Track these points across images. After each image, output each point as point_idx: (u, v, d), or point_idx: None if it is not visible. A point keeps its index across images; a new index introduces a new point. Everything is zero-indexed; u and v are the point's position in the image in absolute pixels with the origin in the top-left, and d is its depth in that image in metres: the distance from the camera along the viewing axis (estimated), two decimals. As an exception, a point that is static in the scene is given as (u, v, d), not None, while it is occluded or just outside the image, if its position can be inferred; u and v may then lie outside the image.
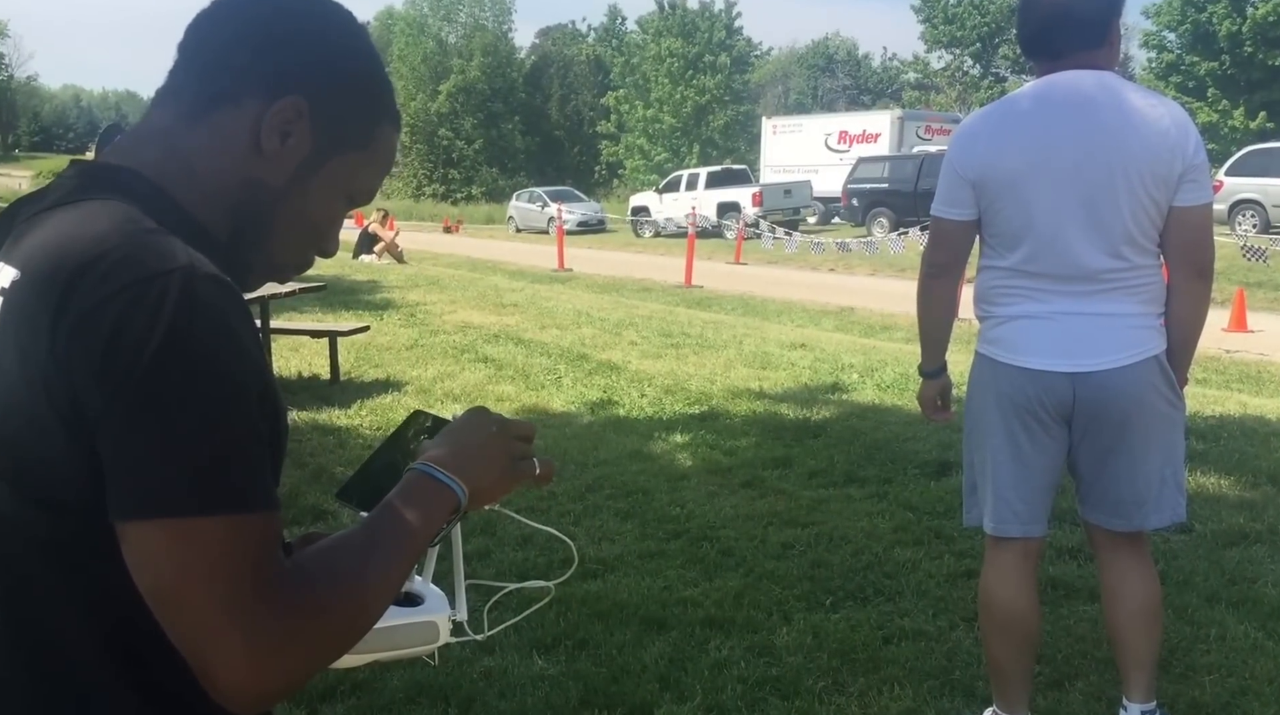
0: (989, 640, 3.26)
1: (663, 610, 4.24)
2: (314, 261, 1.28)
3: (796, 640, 3.98)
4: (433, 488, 1.16)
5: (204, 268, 1.01)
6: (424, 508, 1.14)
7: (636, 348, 10.00)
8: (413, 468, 1.18)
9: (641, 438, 6.80)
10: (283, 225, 1.18)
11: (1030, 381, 2.97)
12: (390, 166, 1.29)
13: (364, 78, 1.21)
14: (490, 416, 1.26)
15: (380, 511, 1.14)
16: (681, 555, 4.83)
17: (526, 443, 1.28)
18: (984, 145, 2.96)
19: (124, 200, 1.07)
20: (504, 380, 8.50)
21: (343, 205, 1.24)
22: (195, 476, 0.95)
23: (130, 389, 0.94)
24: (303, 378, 8.61)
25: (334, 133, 1.17)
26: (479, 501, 1.22)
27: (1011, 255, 2.95)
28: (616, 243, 28.75)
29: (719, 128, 54.14)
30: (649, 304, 14.24)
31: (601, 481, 5.87)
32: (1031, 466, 3.05)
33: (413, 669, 3.74)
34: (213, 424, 0.96)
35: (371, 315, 11.36)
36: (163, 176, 1.12)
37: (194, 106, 1.14)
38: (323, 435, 6.83)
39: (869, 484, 5.84)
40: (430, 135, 59.11)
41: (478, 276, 17.50)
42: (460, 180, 59.24)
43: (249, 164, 1.14)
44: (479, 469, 1.20)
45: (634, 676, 3.72)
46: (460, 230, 37.04)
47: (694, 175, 33.07)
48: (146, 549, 0.95)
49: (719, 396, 7.95)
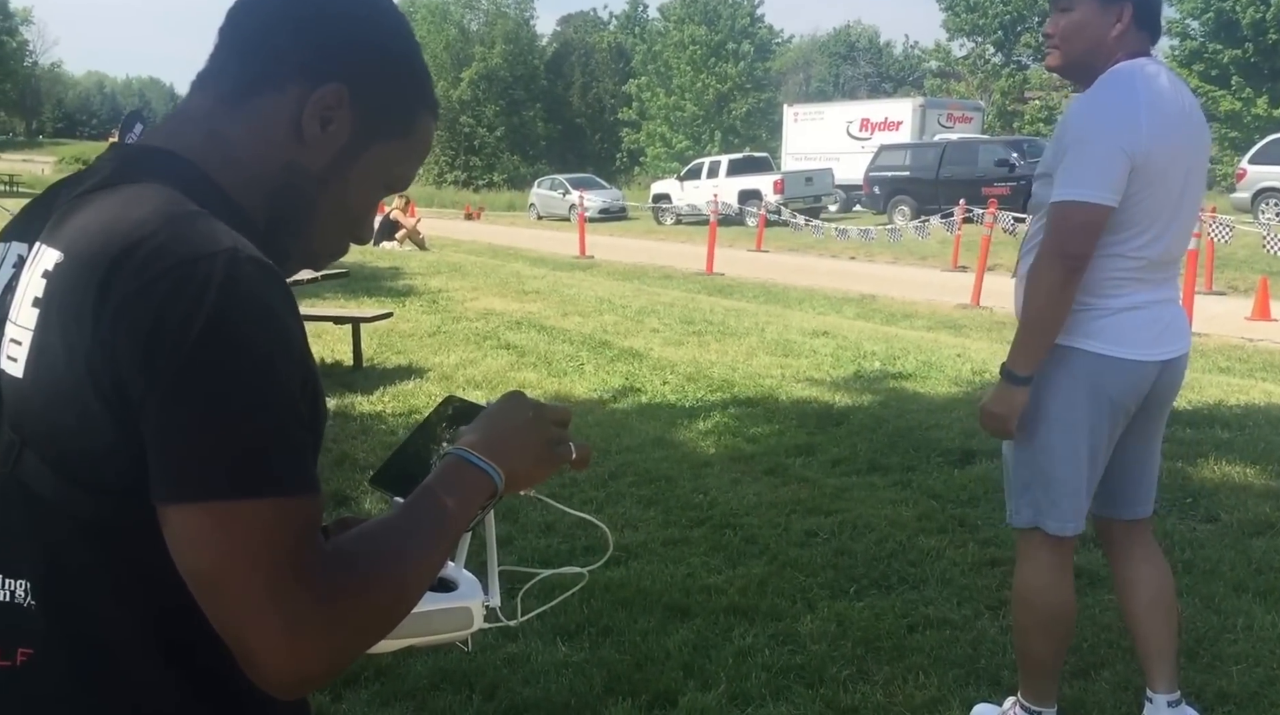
0: (1030, 637, 3.13)
1: (686, 598, 4.23)
2: (349, 248, 1.28)
3: (821, 628, 3.98)
4: (470, 473, 1.16)
5: (248, 250, 1.01)
6: (461, 493, 1.14)
7: (658, 335, 9.99)
8: (449, 453, 1.18)
9: (664, 425, 6.80)
10: (321, 212, 1.18)
11: (1135, 374, 2.84)
12: (427, 154, 1.29)
13: (405, 65, 1.21)
14: (526, 402, 1.25)
15: (418, 496, 1.14)
16: (705, 543, 4.83)
17: (562, 427, 1.27)
18: (1147, 125, 2.69)
19: (166, 183, 1.07)
20: (526, 367, 8.51)
21: (380, 193, 1.24)
22: (237, 460, 0.95)
23: (174, 373, 0.94)
24: (326, 364, 8.63)
25: (374, 120, 1.17)
26: (515, 486, 1.21)
27: (1134, 241, 2.77)
28: (638, 230, 28.72)
29: (740, 115, 53.95)
30: (671, 291, 14.22)
31: (624, 468, 5.87)
32: (1102, 463, 2.95)
33: (437, 655, 3.75)
34: (255, 408, 0.96)
35: (394, 302, 11.38)
36: (204, 160, 1.12)
37: (235, 91, 1.15)
38: (346, 421, 6.85)
39: (892, 472, 5.82)
40: (452, 122, 59.06)
41: (499, 263, 17.51)
42: (482, 167, 59.26)
43: (289, 150, 1.14)
44: (515, 454, 1.19)
45: (658, 664, 3.72)
46: (481, 217, 37.05)
47: (715, 163, 32.93)
48: (187, 532, 0.96)
49: (741, 384, 7.94)
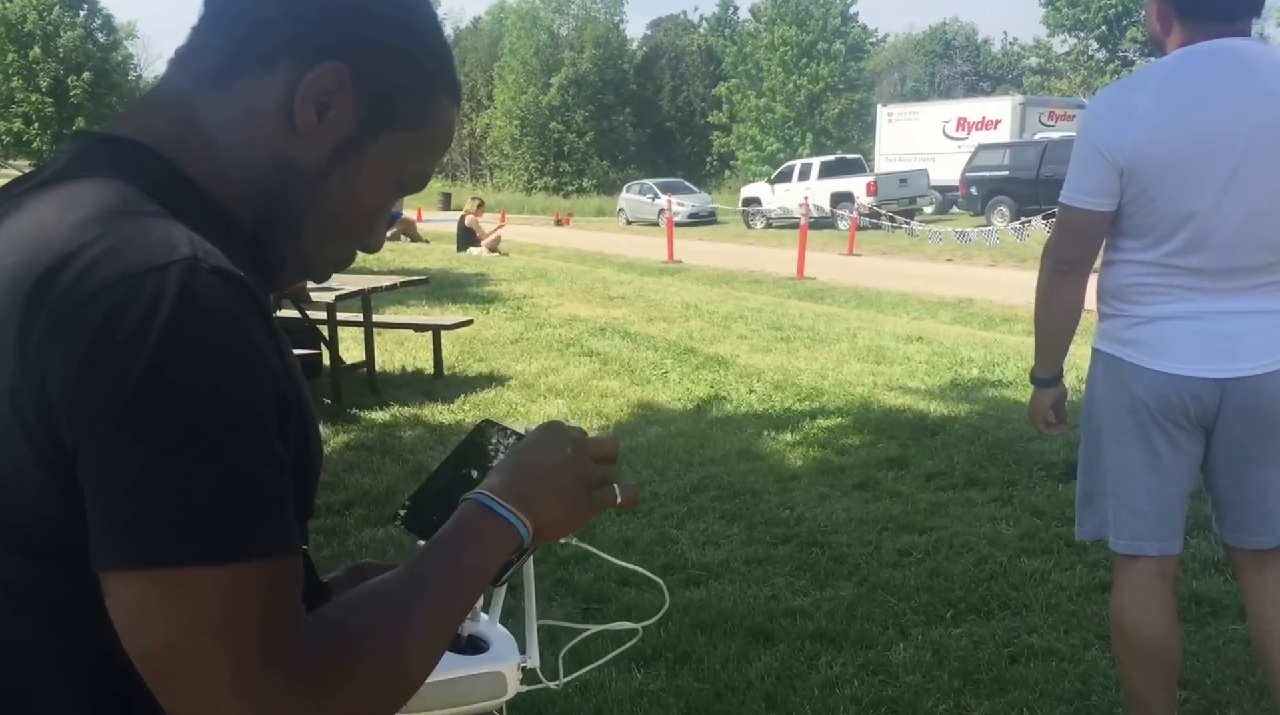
0: (1125, 667, 2.96)
1: (770, 621, 4.00)
2: (355, 257, 1.09)
3: (914, 657, 3.71)
4: (490, 523, 1.00)
5: (211, 260, 0.83)
6: (479, 546, 0.99)
7: (746, 341, 9.74)
8: (468, 498, 1.02)
9: (750, 435, 6.56)
10: (319, 214, 1.01)
11: (1175, 387, 2.66)
12: (448, 146, 1.09)
13: (418, 41, 1.02)
14: (564, 434, 1.08)
15: (427, 551, 0.98)
16: (790, 562, 4.58)
17: (607, 464, 1.09)
18: (1138, 124, 2.54)
19: (122, 178, 0.89)
20: (609, 375, 8.32)
21: (391, 192, 1.05)
22: (190, 517, 0.79)
23: (114, 411, 0.78)
24: (406, 372, 8.55)
25: (382, 106, 0.99)
26: (547, 536, 1.06)
27: (1159, 248, 2.61)
28: (727, 234, 28.47)
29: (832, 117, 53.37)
30: (759, 296, 13.95)
31: (707, 481, 5.64)
32: (1169, 477, 2.76)
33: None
34: (214, 452, 0.80)
35: (478, 308, 11.30)
36: (175, 151, 0.95)
37: (215, 71, 0.97)
38: (424, 430, 6.73)
39: (991, 487, 5.51)
40: (541, 128, 59.43)
41: (586, 269, 17.40)
42: (571, 173, 59.48)
43: (279, 140, 0.97)
44: (547, 499, 1.03)
45: (739, 694, 3.49)
46: (570, 223, 37.12)
47: (806, 165, 32.68)
48: (134, 605, 0.80)
49: (831, 392, 7.66)
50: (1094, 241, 2.72)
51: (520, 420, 6.91)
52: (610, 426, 6.82)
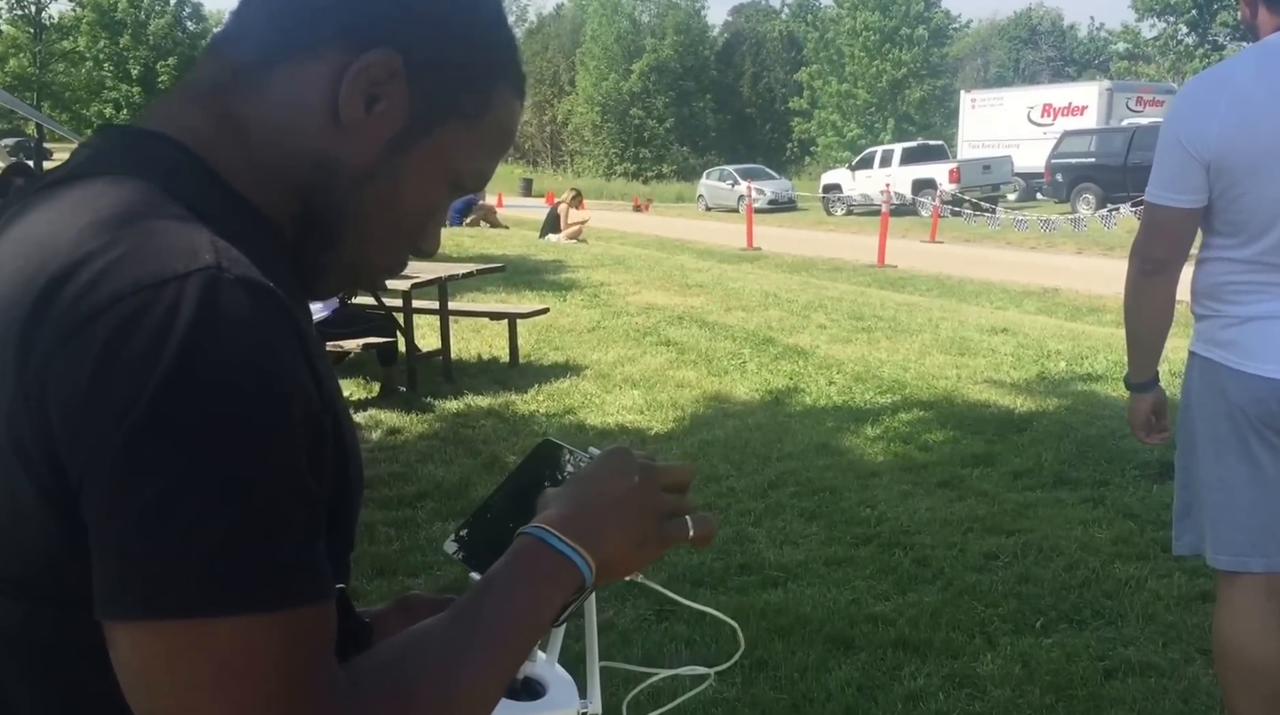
0: (1230, 692, 2.77)
1: (850, 628, 3.85)
2: (407, 263, 0.99)
3: (1003, 669, 3.54)
4: (548, 559, 0.91)
5: (237, 269, 0.74)
6: (535, 586, 0.89)
7: (825, 331, 9.53)
8: (524, 532, 0.92)
9: (829, 430, 6.38)
10: (365, 217, 0.91)
11: (1272, 392, 2.49)
12: (509, 143, 0.98)
13: (478, 28, 0.92)
14: (632, 462, 0.98)
15: (478, 592, 0.88)
16: (871, 564, 4.42)
17: (679, 494, 1.00)
18: (1224, 116, 2.41)
19: (144, 177, 0.80)
20: (686, 365, 8.19)
21: (446, 192, 0.94)
22: (207, 562, 0.70)
23: (122, 440, 0.70)
24: (482, 361, 8.49)
25: (437, 98, 0.90)
26: (612, 575, 0.96)
27: (1253, 246, 2.48)
28: (807, 221, 28.15)
29: (915, 102, 52.60)
30: (839, 285, 13.71)
31: (785, 477, 5.48)
32: (1272, 489, 2.57)
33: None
34: (234, 489, 0.71)
35: (555, 296, 11.22)
36: (208, 147, 0.86)
37: (256, 60, 0.88)
38: (498, 421, 6.66)
39: (1082, 487, 5.29)
40: (622, 114, 59.39)
41: (664, 256, 17.26)
42: (651, 159, 59.36)
43: (323, 136, 0.88)
44: (612, 533, 0.94)
45: (817, 706, 3.35)
46: (649, 209, 37.02)
47: (888, 151, 32.27)
48: (140, 660, 0.71)
49: (913, 385, 7.44)
50: (1182, 240, 2.59)
51: (591, 417, 6.81)
52: (686, 418, 6.69)
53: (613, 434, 6.33)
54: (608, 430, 6.41)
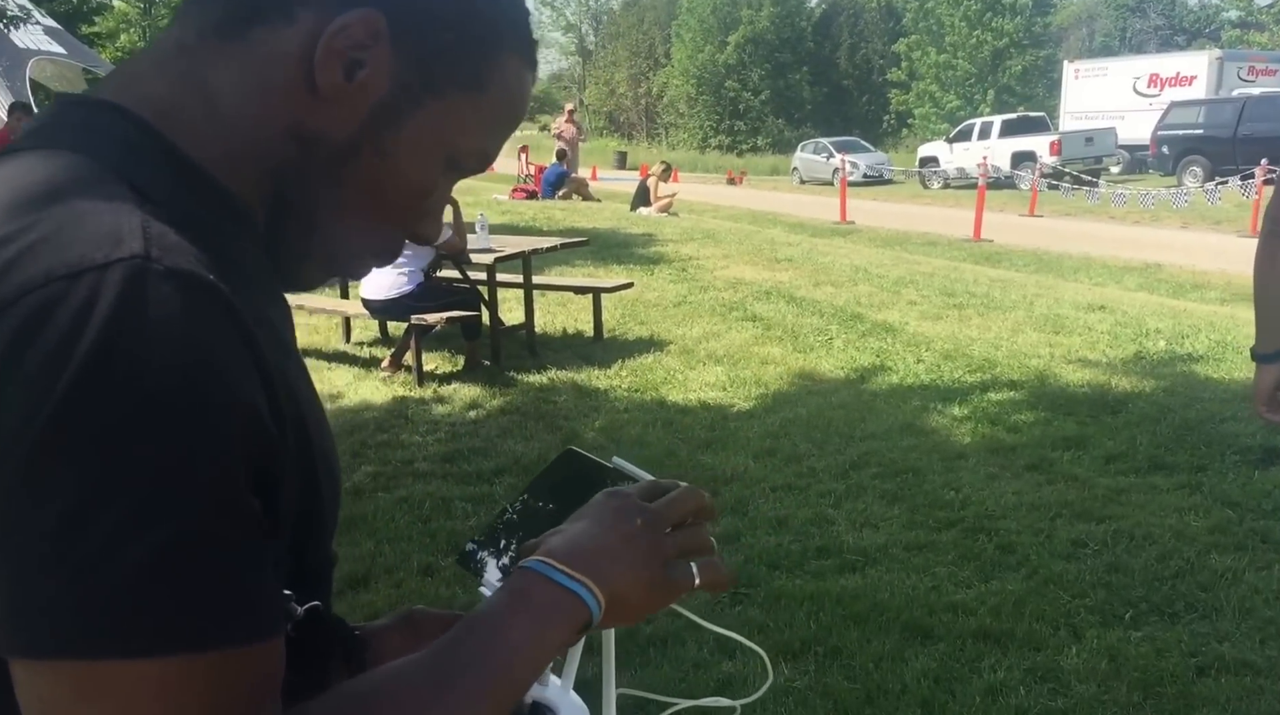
0: None
1: (929, 616, 3.74)
2: (401, 247, 0.89)
3: (1088, 664, 3.41)
4: (548, 594, 0.80)
5: (169, 259, 0.65)
6: (531, 623, 0.78)
7: (915, 307, 9.32)
8: (522, 566, 0.82)
9: (915, 409, 6.23)
10: (347, 198, 0.82)
11: None
12: (518, 118, 0.88)
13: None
14: (633, 504, 0.86)
15: (464, 628, 0.78)
16: (954, 549, 4.29)
17: (692, 529, 0.88)
18: None
19: (84, 151, 0.72)
20: (771, 341, 8.06)
21: (442, 171, 0.84)
22: (119, 594, 0.61)
23: (23, 455, 0.61)
24: (566, 335, 8.47)
25: (428, 64, 0.80)
26: (622, 616, 0.84)
27: None
28: (903, 194, 27.62)
29: (1016, 74, 51.19)
30: (933, 259, 13.41)
31: (868, 457, 5.36)
32: None
33: (644, 672, 3.42)
34: (154, 510, 0.62)
35: (642, 270, 11.15)
36: (167, 119, 0.77)
37: (225, 20, 0.78)
38: (579, 397, 6.62)
39: (1178, 472, 5.09)
40: (717, 87, 58.86)
41: (755, 229, 17.07)
42: (746, 132, 58.78)
43: (298, 107, 0.78)
44: (622, 570, 0.83)
45: (892, 698, 3.26)
46: (744, 182, 36.69)
47: (987, 123, 31.49)
48: (44, 702, 0.63)
49: (1004, 364, 7.23)
50: None
51: (673, 393, 6.74)
52: (768, 396, 6.58)
53: (694, 411, 6.26)
54: (689, 407, 6.34)
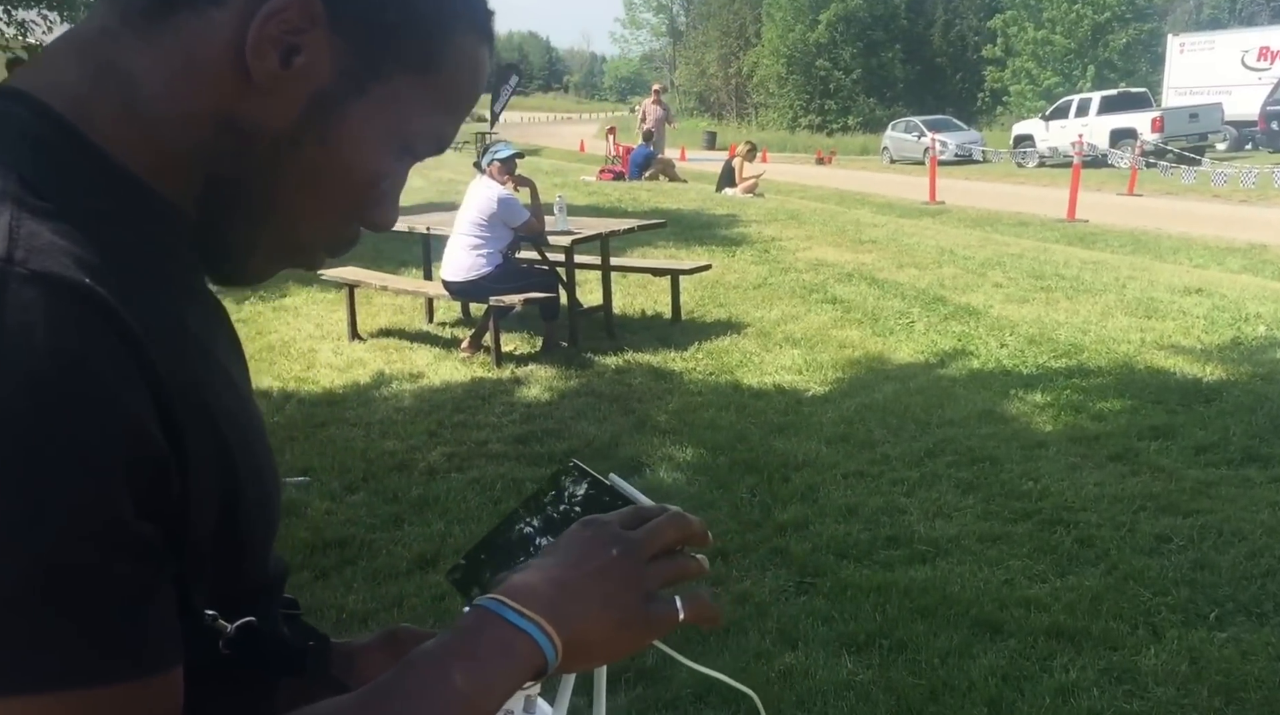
0: None
1: (1000, 611, 3.63)
2: (358, 236, 0.84)
3: (1167, 665, 3.28)
4: (499, 634, 0.74)
5: (36, 262, 0.61)
6: (478, 665, 0.73)
7: (1001, 290, 9.09)
8: (476, 604, 0.76)
9: (995, 395, 6.06)
10: (292, 190, 0.76)
11: None
12: (473, 99, 0.82)
13: None
14: (608, 534, 0.80)
15: (403, 668, 0.72)
16: (1029, 542, 4.16)
17: (677, 565, 0.82)
18: None
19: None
20: (850, 324, 7.93)
21: (393, 157, 0.79)
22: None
23: None
24: (645, 317, 8.43)
25: (371, 48, 0.75)
26: (586, 659, 0.79)
27: None
28: (996, 174, 27.03)
29: (1118, 48, 49.75)
30: (1022, 241, 13.07)
31: (944, 445, 5.23)
32: None
33: (703, 661, 3.36)
34: (15, 536, 0.57)
35: (724, 251, 11.05)
36: (81, 108, 0.71)
37: (149, 3, 0.73)
38: (655, 379, 6.58)
39: (1274, 465, 4.88)
40: (808, 66, 58.16)
41: (841, 210, 16.84)
42: (836, 111, 58.04)
43: (230, 96, 0.73)
44: (587, 609, 0.77)
45: (958, 695, 3.16)
46: (833, 162, 36.26)
47: (1085, 100, 30.68)
48: None
49: (1091, 349, 7.01)
50: None
51: (748, 376, 6.66)
52: (844, 380, 6.46)
53: (768, 394, 6.17)
54: (763, 390, 6.26)
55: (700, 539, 0.84)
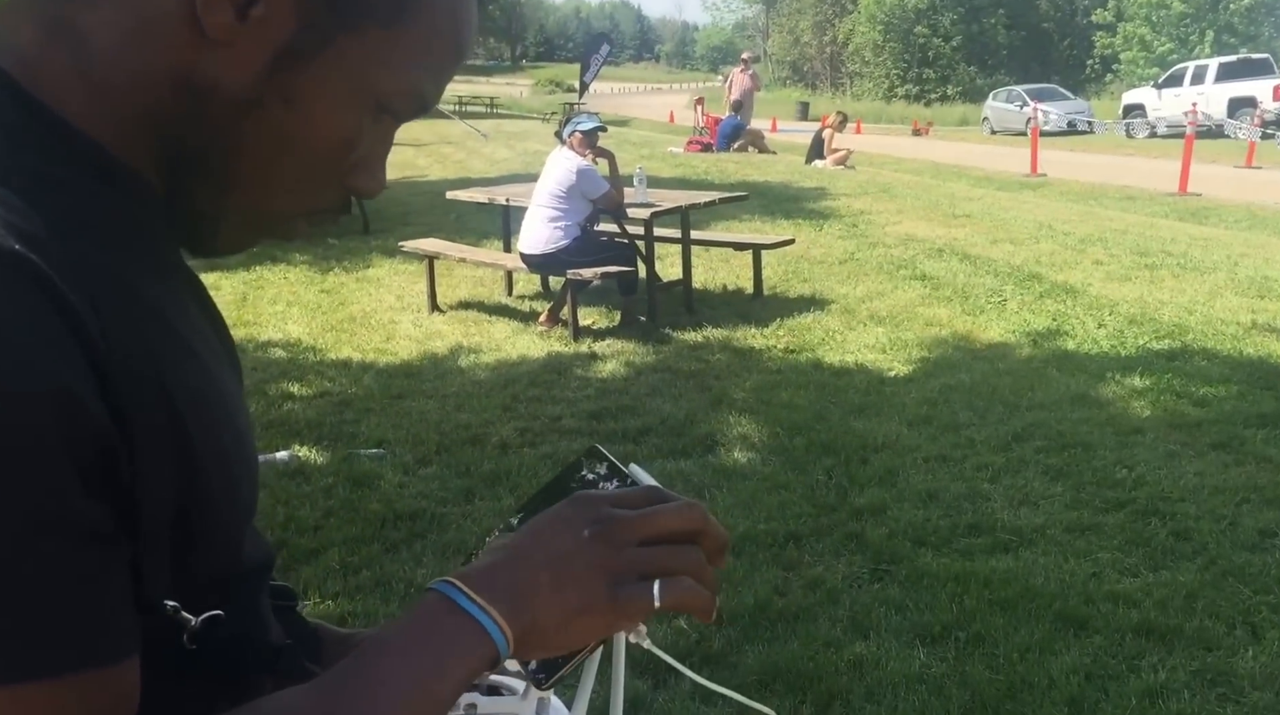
0: None
1: (1086, 606, 3.45)
2: (347, 205, 0.79)
3: (1266, 668, 3.09)
4: (451, 621, 0.69)
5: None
6: (428, 653, 0.68)
7: (1101, 267, 8.74)
8: (430, 587, 0.72)
9: (1090, 378, 5.80)
10: (258, 154, 0.72)
11: None
12: (459, 54, 0.75)
13: None
14: (588, 514, 0.74)
15: (356, 657, 0.68)
16: (1121, 533, 3.95)
17: (668, 554, 0.74)
18: None
19: None
20: (939, 301, 7.68)
21: (367, 117, 0.74)
22: None
23: None
24: (725, 292, 8.27)
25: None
26: (543, 646, 0.73)
27: None
28: (1103, 145, 26.19)
29: (1239, 11, 47.87)
30: (1128, 215, 12.60)
31: (1033, 429, 5.01)
32: None
33: (771, 647, 3.26)
34: None
35: (810, 225, 10.82)
36: (32, 69, 0.67)
37: None
38: (733, 356, 6.44)
39: (1392, 457, 4.58)
40: (905, 33, 57.05)
41: (935, 183, 16.41)
42: (935, 80, 56.86)
43: (184, 52, 0.68)
44: (542, 594, 0.71)
45: (1038, 693, 3.00)
46: (930, 133, 35.52)
47: (1201, 67, 29.53)
48: None
49: (1196, 331, 6.69)
50: None
51: (830, 355, 6.48)
52: (930, 360, 6.25)
53: (850, 373, 6.00)
54: (845, 369, 6.08)
55: (714, 540, 0.75)
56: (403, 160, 17.29)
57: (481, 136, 20.61)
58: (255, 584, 0.81)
